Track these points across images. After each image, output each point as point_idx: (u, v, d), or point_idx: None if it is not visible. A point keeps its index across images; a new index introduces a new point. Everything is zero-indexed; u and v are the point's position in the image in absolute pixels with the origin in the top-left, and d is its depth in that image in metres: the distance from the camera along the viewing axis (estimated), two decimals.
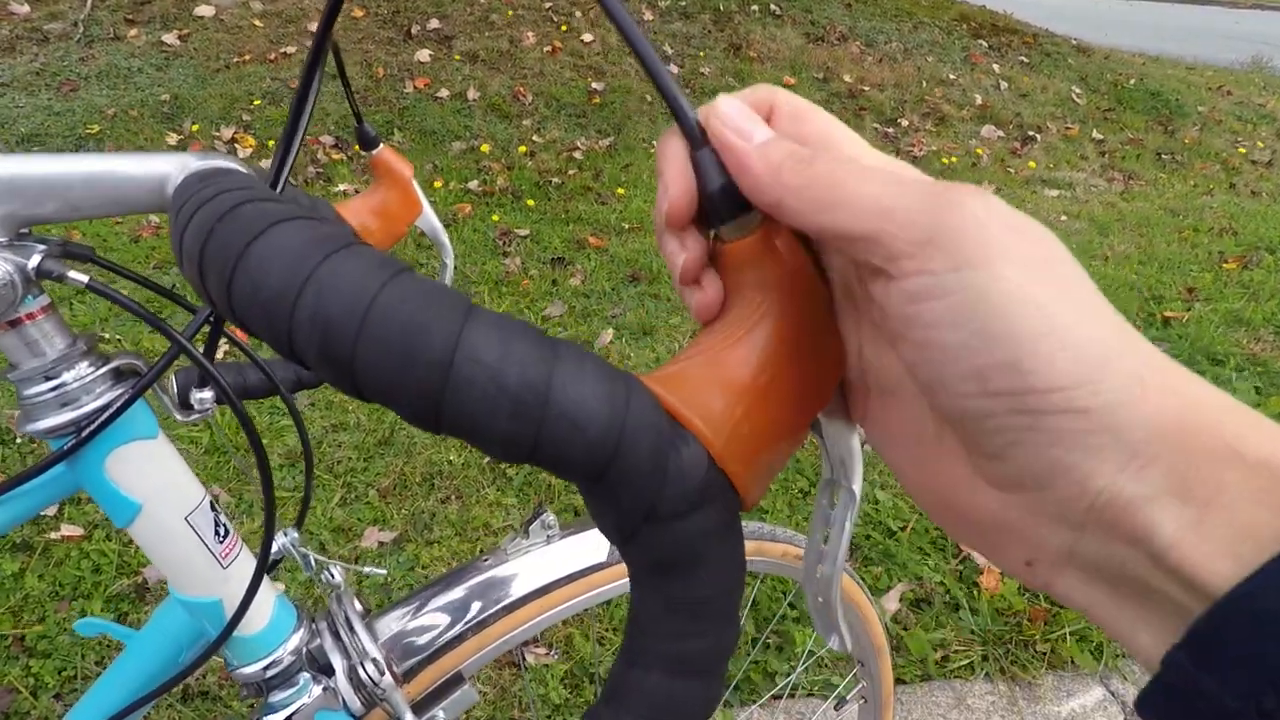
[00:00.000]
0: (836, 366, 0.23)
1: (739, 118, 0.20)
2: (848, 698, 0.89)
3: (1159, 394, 0.16)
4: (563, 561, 0.59)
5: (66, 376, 0.37)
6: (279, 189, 0.37)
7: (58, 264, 0.35)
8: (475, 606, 0.56)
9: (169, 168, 0.36)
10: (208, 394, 0.44)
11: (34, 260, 0.34)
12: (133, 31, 3.37)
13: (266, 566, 0.44)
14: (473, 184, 3.01)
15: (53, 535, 1.42)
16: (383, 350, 0.17)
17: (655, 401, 0.19)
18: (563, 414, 0.18)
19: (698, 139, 0.20)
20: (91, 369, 0.38)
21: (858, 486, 0.24)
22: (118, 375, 0.40)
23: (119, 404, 0.38)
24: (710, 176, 0.20)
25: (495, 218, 2.80)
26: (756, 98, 0.21)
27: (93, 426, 0.37)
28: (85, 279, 0.35)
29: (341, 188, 2.87)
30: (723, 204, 0.20)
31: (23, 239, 0.35)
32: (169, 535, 0.43)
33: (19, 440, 1.64)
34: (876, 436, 0.23)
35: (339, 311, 0.18)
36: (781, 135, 0.20)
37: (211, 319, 0.41)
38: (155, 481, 0.42)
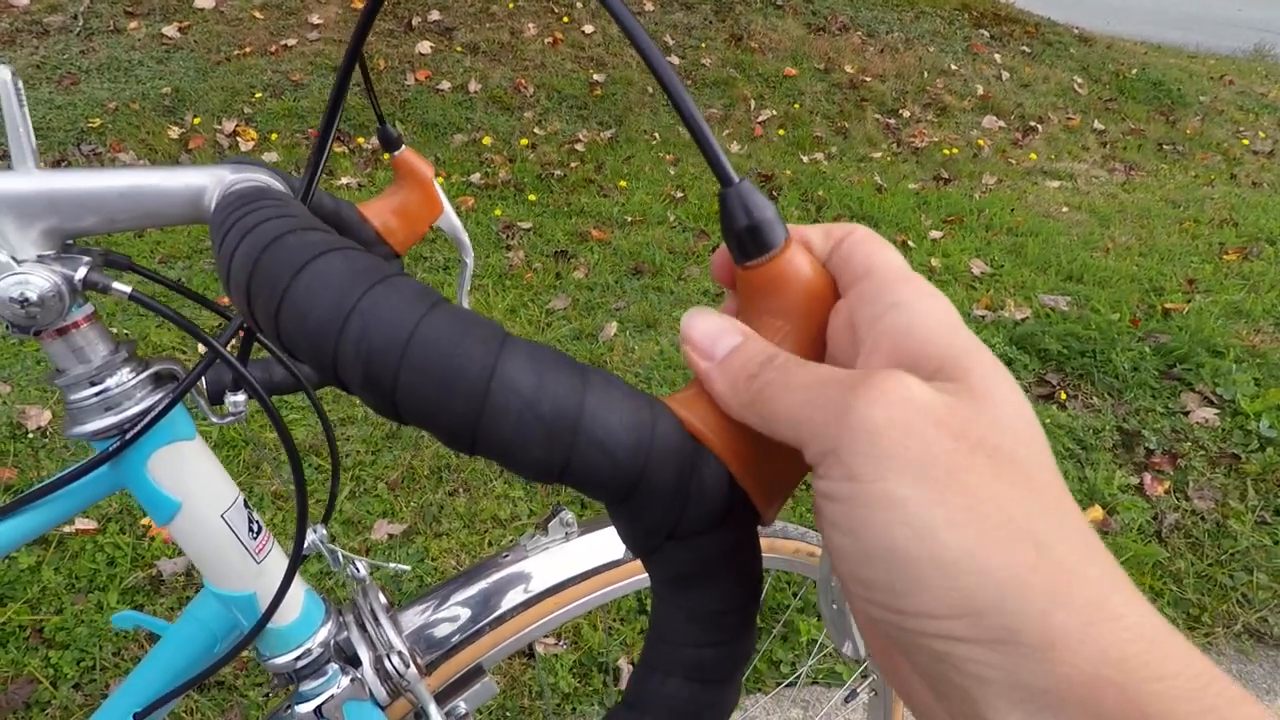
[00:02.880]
0: None
1: (701, 336, 0.21)
2: (858, 690, 0.91)
3: (1075, 640, 0.15)
4: (580, 558, 0.61)
5: (110, 382, 0.39)
6: (308, 200, 0.38)
7: (101, 275, 0.37)
8: (496, 601, 0.58)
9: (204, 181, 0.38)
10: (240, 397, 0.46)
11: (80, 272, 0.36)
12: (132, 24, 3.36)
13: (298, 561, 0.46)
14: (475, 177, 3.02)
15: (67, 529, 1.44)
16: (423, 378, 0.18)
17: (679, 424, 0.20)
18: (592, 439, 0.19)
19: (727, 178, 0.20)
20: (132, 374, 0.40)
21: None
22: (157, 380, 0.41)
23: (161, 407, 0.39)
24: (736, 216, 0.21)
25: (497, 211, 2.80)
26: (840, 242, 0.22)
27: (136, 429, 0.39)
28: (129, 290, 0.37)
29: (344, 180, 2.88)
30: (740, 245, 0.21)
31: (68, 250, 0.37)
32: (206, 532, 0.44)
33: (30, 435, 1.66)
34: None
35: (381, 342, 0.19)
36: (751, 334, 0.21)
37: (245, 327, 0.43)
38: (193, 481, 0.43)
